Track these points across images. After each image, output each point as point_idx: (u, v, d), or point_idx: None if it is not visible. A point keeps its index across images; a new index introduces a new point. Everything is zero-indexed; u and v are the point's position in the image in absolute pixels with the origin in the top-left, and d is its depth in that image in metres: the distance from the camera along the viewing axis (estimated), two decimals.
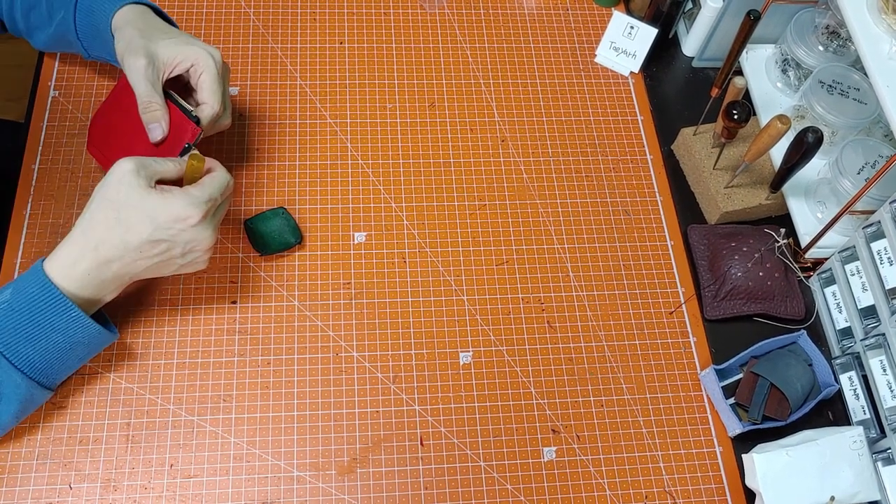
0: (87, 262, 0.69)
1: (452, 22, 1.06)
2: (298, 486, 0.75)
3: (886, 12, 0.79)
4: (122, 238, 0.69)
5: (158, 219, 0.68)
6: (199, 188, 0.71)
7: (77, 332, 0.70)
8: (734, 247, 0.89)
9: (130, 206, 0.68)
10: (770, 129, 0.82)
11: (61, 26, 0.84)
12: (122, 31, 0.79)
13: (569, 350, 0.85)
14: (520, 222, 0.92)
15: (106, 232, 0.68)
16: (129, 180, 0.68)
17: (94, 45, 0.85)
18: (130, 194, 0.68)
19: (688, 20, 1.07)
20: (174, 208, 0.69)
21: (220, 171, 0.74)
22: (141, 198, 0.68)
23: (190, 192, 0.70)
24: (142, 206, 0.68)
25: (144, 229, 0.68)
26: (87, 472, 0.74)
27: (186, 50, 0.77)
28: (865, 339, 0.82)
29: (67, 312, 0.68)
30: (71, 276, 0.69)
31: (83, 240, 0.69)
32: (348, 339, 0.83)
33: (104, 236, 0.68)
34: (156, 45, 0.77)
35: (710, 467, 0.81)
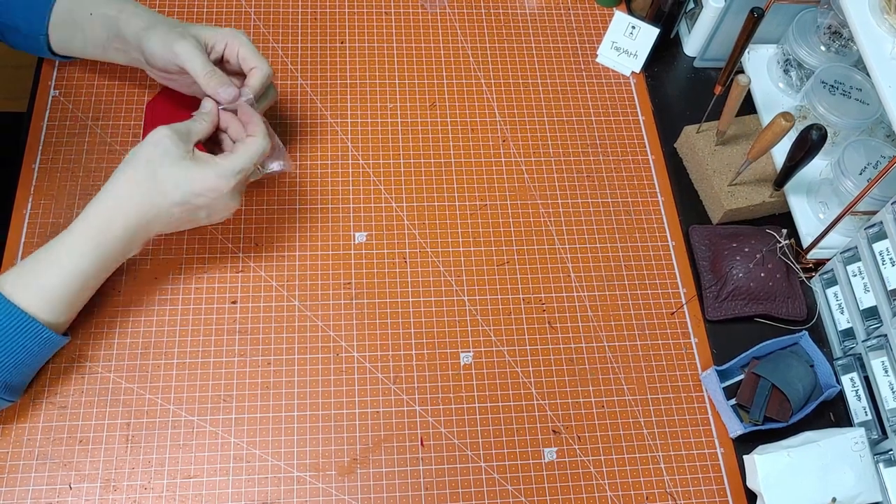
0: (121, 224, 0.72)
1: (453, 22, 1.05)
2: (298, 486, 0.75)
3: (889, 12, 0.79)
4: (156, 200, 0.72)
5: (191, 186, 0.72)
6: (232, 159, 0.74)
7: (47, 348, 0.74)
8: (736, 247, 0.88)
9: (167, 171, 0.72)
10: (774, 127, 0.82)
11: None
12: (141, 26, 0.80)
13: (570, 350, 0.85)
14: (521, 222, 0.92)
15: (141, 195, 0.72)
16: (166, 145, 0.72)
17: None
18: (168, 160, 0.72)
19: (689, 20, 1.06)
20: (207, 179, 0.72)
21: (257, 138, 0.76)
22: (178, 164, 0.72)
23: (222, 163, 0.73)
24: (176, 173, 0.72)
25: (177, 193, 0.72)
26: (87, 472, 0.74)
27: (218, 32, 0.80)
28: (867, 341, 0.82)
29: (38, 333, 0.71)
30: (105, 239, 0.72)
31: (116, 202, 0.72)
32: (349, 339, 0.83)
33: (138, 198, 0.72)
34: (190, 30, 0.79)
35: (711, 468, 0.81)
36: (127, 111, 0.93)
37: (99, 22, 0.82)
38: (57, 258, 0.71)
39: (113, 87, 0.94)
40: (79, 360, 0.78)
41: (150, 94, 0.93)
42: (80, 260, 0.72)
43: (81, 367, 0.78)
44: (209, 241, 0.86)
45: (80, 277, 0.72)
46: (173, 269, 0.84)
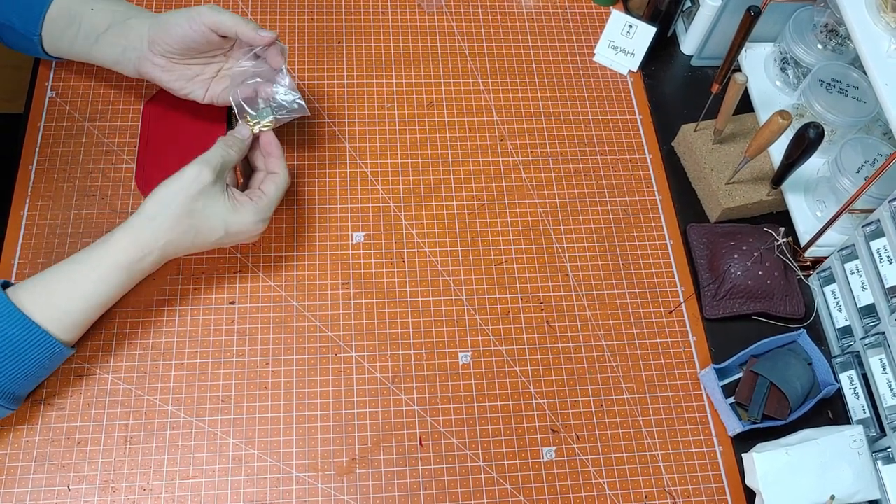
0: (154, 258, 0.74)
1: (451, 21, 1.05)
2: (297, 486, 0.75)
3: (885, 10, 0.79)
4: (192, 242, 0.75)
5: (230, 227, 0.75)
6: (265, 199, 0.77)
7: (56, 362, 0.74)
8: (734, 246, 0.89)
9: (206, 214, 0.74)
10: (771, 125, 0.82)
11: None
12: (149, 14, 0.83)
13: (568, 350, 0.85)
14: (518, 222, 0.92)
15: (177, 235, 0.74)
16: (207, 188, 0.73)
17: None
18: (207, 202, 0.74)
19: (686, 19, 1.06)
20: (245, 222, 0.76)
21: (280, 174, 0.79)
22: (214, 205, 0.74)
23: (258, 206, 0.77)
24: (216, 217, 0.75)
25: (215, 235, 0.75)
26: (86, 474, 0.74)
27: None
28: (865, 338, 0.82)
29: (52, 350, 0.71)
30: (136, 270, 0.74)
31: (152, 241, 0.73)
32: (347, 339, 0.83)
33: (174, 238, 0.74)
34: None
35: (709, 467, 0.81)
36: (124, 112, 0.92)
37: (101, 14, 0.83)
38: (82, 284, 0.71)
39: (110, 87, 0.94)
40: (77, 362, 0.78)
41: (147, 94, 0.93)
42: (107, 289, 0.73)
43: (80, 368, 0.78)
44: None
45: (103, 304, 0.74)
46: (171, 270, 0.84)
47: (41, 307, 0.70)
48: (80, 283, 0.72)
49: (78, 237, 0.84)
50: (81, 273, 0.72)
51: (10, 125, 0.96)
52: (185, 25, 0.80)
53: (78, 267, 0.72)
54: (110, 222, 0.86)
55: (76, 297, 0.71)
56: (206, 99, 0.85)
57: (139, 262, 0.73)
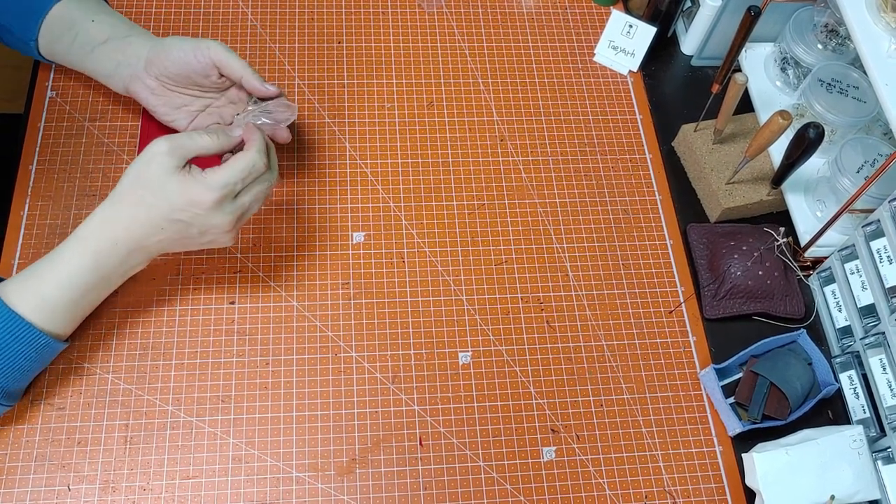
0: (117, 236, 0.71)
1: (451, 21, 1.05)
2: (297, 486, 0.75)
3: (885, 10, 0.79)
4: (146, 214, 0.71)
5: (174, 201, 0.70)
6: (218, 173, 0.71)
7: (46, 355, 0.73)
8: (733, 246, 0.89)
9: (152, 186, 0.70)
10: (771, 125, 0.82)
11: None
12: (151, 36, 0.83)
13: (568, 350, 0.85)
14: (518, 222, 0.92)
15: (132, 207, 0.71)
16: (159, 160, 0.70)
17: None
18: (155, 174, 0.70)
19: (686, 19, 1.06)
20: (189, 192, 0.70)
21: (250, 151, 0.73)
22: (163, 179, 0.70)
23: (208, 177, 0.71)
24: (161, 187, 0.70)
25: (162, 208, 0.71)
26: (86, 474, 0.74)
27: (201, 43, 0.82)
28: (865, 338, 0.82)
29: (37, 341, 0.70)
30: (103, 249, 0.71)
31: (113, 215, 0.71)
32: (347, 339, 0.83)
33: (130, 212, 0.71)
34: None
35: (709, 467, 0.81)
36: (124, 112, 0.92)
37: (100, 27, 0.83)
38: (56, 269, 0.71)
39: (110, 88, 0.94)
40: (77, 362, 0.78)
41: None
42: (80, 272, 0.71)
43: (80, 368, 0.78)
44: None
45: (79, 289, 0.71)
46: (171, 269, 0.84)
47: (25, 298, 0.70)
48: (55, 267, 0.71)
49: None
50: (56, 257, 0.71)
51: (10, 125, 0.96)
52: (189, 54, 0.79)
53: (54, 253, 0.71)
54: None
55: (54, 281, 0.70)
56: (188, 129, 0.85)
57: (100, 242, 0.71)
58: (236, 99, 0.85)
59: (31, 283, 0.71)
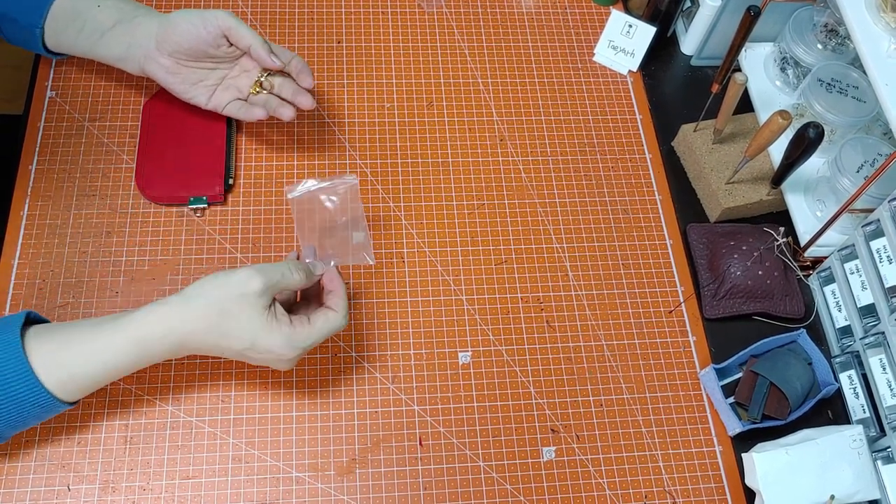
0: (172, 342, 0.68)
1: (451, 21, 1.05)
2: (297, 486, 0.75)
3: (885, 10, 0.79)
4: (215, 342, 0.68)
5: (256, 344, 0.68)
6: (308, 332, 0.70)
7: (51, 413, 0.69)
8: (733, 246, 0.89)
9: (237, 320, 0.67)
10: (771, 125, 0.82)
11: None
12: (158, 14, 0.83)
13: (568, 350, 0.85)
14: (518, 222, 0.92)
15: (203, 330, 0.68)
16: (251, 300, 0.67)
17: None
18: (243, 311, 0.67)
19: (686, 18, 1.06)
20: (274, 343, 0.68)
21: (338, 314, 0.72)
22: (250, 316, 0.68)
23: (297, 333, 0.69)
24: (247, 327, 0.68)
25: (239, 345, 0.68)
26: (86, 474, 0.74)
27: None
28: (865, 338, 0.82)
29: (54, 409, 0.68)
30: (153, 348, 0.68)
31: (179, 325, 0.67)
32: (347, 338, 0.83)
33: (199, 331, 0.68)
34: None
35: (709, 466, 0.81)
36: (124, 112, 0.92)
37: (107, 11, 0.82)
38: (94, 353, 0.67)
39: (110, 87, 0.94)
40: None
41: (147, 94, 0.93)
42: (119, 358, 0.67)
43: None
44: (207, 242, 0.86)
45: (114, 375, 0.68)
46: (171, 269, 0.84)
47: (50, 366, 0.66)
48: (95, 348, 0.67)
49: (78, 237, 0.84)
50: (99, 337, 0.67)
51: (10, 125, 0.96)
52: (198, 25, 0.80)
53: (98, 330, 0.67)
54: (110, 222, 0.86)
55: (86, 361, 0.67)
56: (209, 105, 0.85)
57: (159, 340, 0.67)
58: (249, 67, 0.86)
59: (63, 358, 0.66)
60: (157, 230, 0.85)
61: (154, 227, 0.85)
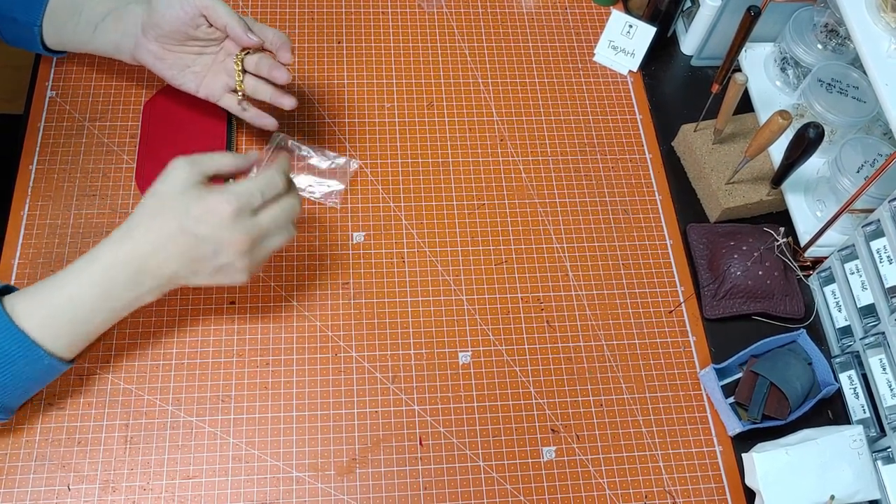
0: (127, 250, 0.69)
1: (451, 21, 1.05)
2: (297, 486, 0.75)
3: (885, 10, 0.79)
4: (158, 226, 0.69)
5: (191, 209, 0.68)
6: (238, 183, 0.70)
7: (49, 375, 0.71)
8: (733, 246, 0.89)
9: (168, 197, 0.69)
10: (771, 125, 0.82)
11: None
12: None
13: (568, 350, 0.85)
14: (518, 222, 0.92)
15: (149, 219, 0.69)
16: (178, 174, 0.70)
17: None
18: (172, 187, 0.69)
19: (686, 19, 1.06)
20: (206, 201, 0.69)
21: (270, 170, 0.72)
22: (180, 189, 0.69)
23: (227, 187, 0.70)
24: (178, 197, 0.69)
25: (176, 218, 0.68)
26: (86, 474, 0.74)
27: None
28: (865, 338, 0.82)
29: (41, 361, 0.68)
30: (112, 264, 0.69)
31: (127, 227, 0.70)
32: (347, 339, 0.83)
33: (143, 223, 0.69)
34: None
35: (709, 466, 0.81)
36: (124, 111, 0.92)
37: (101, 3, 0.82)
38: (64, 285, 0.69)
39: (110, 87, 0.94)
40: (77, 362, 0.78)
41: (147, 93, 0.93)
42: (89, 290, 0.68)
43: (79, 368, 0.78)
44: None
45: (86, 306, 0.69)
46: None
47: (31, 314, 0.67)
48: (65, 284, 0.69)
49: (78, 237, 0.84)
50: (67, 274, 0.69)
51: (10, 125, 0.96)
52: (176, 6, 0.79)
53: (66, 269, 0.70)
54: (110, 222, 0.86)
55: (62, 298, 0.68)
56: (200, 93, 0.85)
57: (114, 256, 0.69)
58: (234, 50, 0.84)
59: (39, 299, 0.68)
60: None
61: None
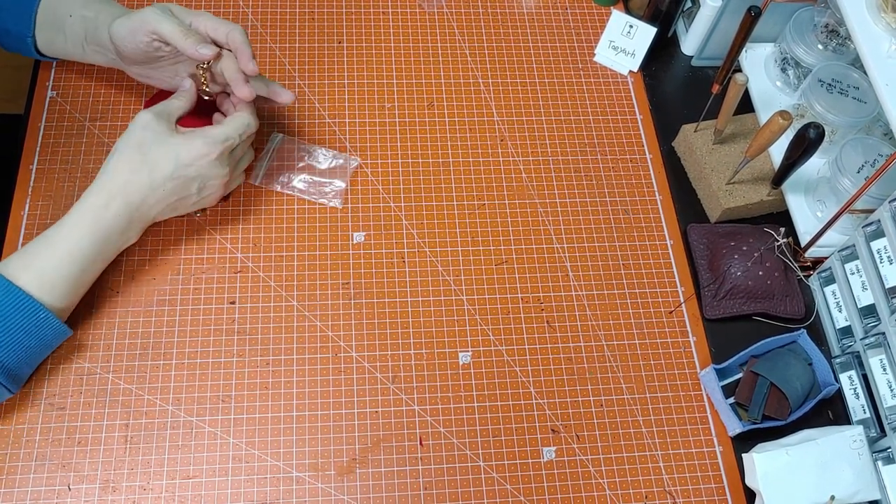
0: (117, 204, 0.75)
1: (451, 21, 1.05)
2: (297, 486, 0.75)
3: (885, 11, 0.79)
4: (148, 176, 0.75)
5: (181, 156, 0.75)
6: (218, 128, 0.78)
7: (47, 335, 0.73)
8: (734, 246, 0.89)
9: (155, 147, 0.75)
10: (772, 125, 0.82)
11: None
12: (111, 21, 0.80)
13: (568, 350, 0.85)
14: (519, 222, 0.92)
15: (132, 174, 0.75)
16: (153, 126, 0.76)
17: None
18: (155, 137, 0.76)
19: (687, 19, 1.06)
20: (195, 147, 0.76)
21: (244, 112, 0.80)
22: (164, 139, 0.76)
23: (208, 132, 0.77)
24: (166, 146, 0.75)
25: (168, 166, 0.75)
26: (86, 474, 0.74)
27: (183, 14, 0.80)
28: (865, 338, 0.82)
29: (36, 315, 0.71)
30: (103, 218, 0.74)
31: (111, 184, 0.75)
32: (347, 339, 0.83)
33: (131, 178, 0.75)
34: (187, 17, 0.80)
35: (710, 467, 0.81)
36: (124, 111, 0.92)
37: (77, 23, 0.83)
38: (56, 240, 0.73)
39: (110, 87, 0.94)
40: (77, 361, 0.78)
41: (147, 93, 0.93)
42: (79, 241, 0.74)
43: (80, 367, 0.78)
44: (207, 242, 0.86)
45: (78, 259, 0.74)
46: (172, 269, 0.84)
47: (22, 270, 0.72)
48: (53, 239, 0.73)
49: None
50: (55, 230, 0.74)
51: (10, 125, 0.96)
52: (129, 39, 0.78)
53: (53, 226, 0.74)
54: None
55: (51, 253, 0.73)
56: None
57: (104, 208, 0.74)
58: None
59: (30, 259, 0.72)
60: (157, 230, 0.85)
61: (154, 227, 0.84)
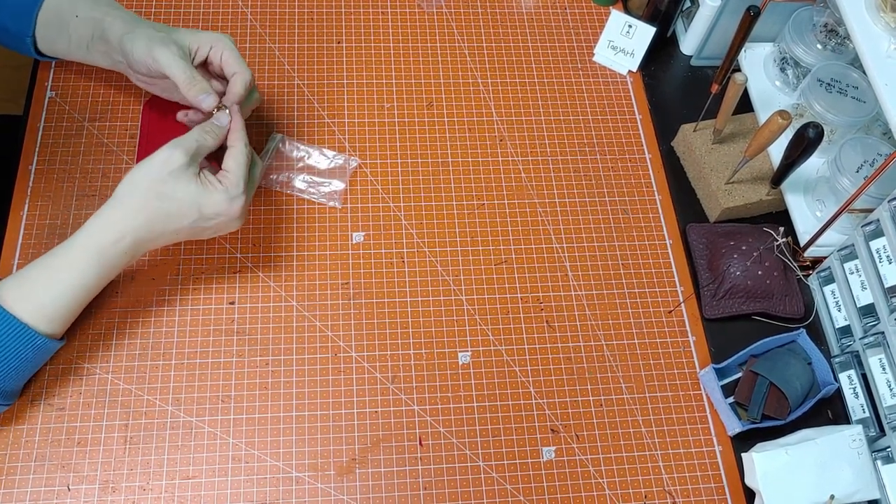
0: (127, 243, 0.72)
1: (450, 21, 1.05)
2: (297, 486, 0.75)
3: (885, 10, 0.79)
4: (164, 226, 0.73)
5: (202, 211, 0.73)
6: (229, 178, 0.74)
7: (44, 355, 0.73)
8: (733, 245, 0.89)
9: (176, 199, 0.72)
10: (771, 125, 0.82)
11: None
12: (124, 30, 0.80)
13: (568, 350, 0.85)
14: (518, 222, 0.92)
15: (148, 221, 0.72)
16: (176, 165, 0.72)
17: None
18: (177, 183, 0.72)
19: (686, 19, 1.06)
20: (219, 204, 0.73)
21: (236, 147, 0.76)
22: (186, 187, 0.72)
23: (229, 186, 0.74)
24: (187, 196, 0.72)
25: (188, 219, 0.73)
26: (86, 474, 0.74)
27: (202, 36, 0.80)
28: (864, 338, 0.82)
29: (34, 342, 0.71)
30: (110, 255, 0.72)
31: (122, 224, 0.72)
32: (347, 339, 0.83)
33: (145, 223, 0.72)
34: (175, 34, 0.80)
35: (709, 466, 0.81)
36: (124, 111, 0.92)
37: (84, 24, 0.82)
38: (57, 273, 0.71)
39: (109, 87, 0.94)
40: (77, 362, 0.78)
41: (146, 94, 0.93)
42: (82, 276, 0.72)
43: (79, 368, 0.78)
44: (206, 242, 0.86)
45: (80, 292, 0.72)
46: (171, 270, 0.84)
47: (20, 300, 0.70)
48: (55, 272, 0.71)
49: None
50: (56, 261, 0.71)
51: (10, 125, 0.96)
52: (138, 59, 0.78)
53: (54, 256, 0.72)
54: None
55: (52, 286, 0.71)
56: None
57: (112, 245, 0.72)
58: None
59: (28, 290, 0.71)
60: None
61: None
